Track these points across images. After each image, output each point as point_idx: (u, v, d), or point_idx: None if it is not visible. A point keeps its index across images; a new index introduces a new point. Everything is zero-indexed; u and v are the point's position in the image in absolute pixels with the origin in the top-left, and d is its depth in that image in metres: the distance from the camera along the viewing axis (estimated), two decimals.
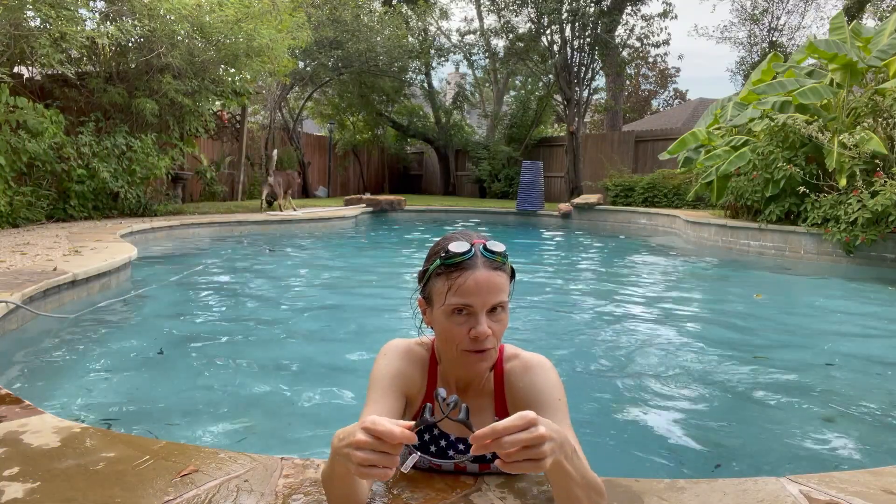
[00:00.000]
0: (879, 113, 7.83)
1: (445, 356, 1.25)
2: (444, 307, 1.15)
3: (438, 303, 1.17)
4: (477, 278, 1.12)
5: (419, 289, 1.27)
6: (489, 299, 1.13)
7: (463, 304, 1.13)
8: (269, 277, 5.93)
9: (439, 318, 1.18)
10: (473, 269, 1.13)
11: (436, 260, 1.18)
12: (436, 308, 1.19)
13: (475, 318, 1.13)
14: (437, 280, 1.18)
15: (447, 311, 1.15)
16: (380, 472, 0.90)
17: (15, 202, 7.01)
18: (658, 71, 36.36)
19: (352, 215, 11.57)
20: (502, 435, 0.88)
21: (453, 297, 1.13)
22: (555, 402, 1.20)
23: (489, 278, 1.13)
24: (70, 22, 7.08)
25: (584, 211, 13.61)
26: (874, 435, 2.52)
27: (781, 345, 3.91)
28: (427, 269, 1.21)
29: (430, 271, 1.19)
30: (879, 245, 6.96)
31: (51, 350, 3.24)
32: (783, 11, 19.05)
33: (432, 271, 1.19)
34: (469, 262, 1.14)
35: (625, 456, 2.30)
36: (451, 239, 1.19)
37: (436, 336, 1.25)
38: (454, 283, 1.13)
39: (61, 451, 1.40)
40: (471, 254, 1.15)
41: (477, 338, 1.13)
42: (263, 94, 15.39)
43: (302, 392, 2.85)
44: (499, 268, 1.16)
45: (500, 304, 1.15)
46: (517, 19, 18.16)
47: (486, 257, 1.15)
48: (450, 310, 1.14)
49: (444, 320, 1.16)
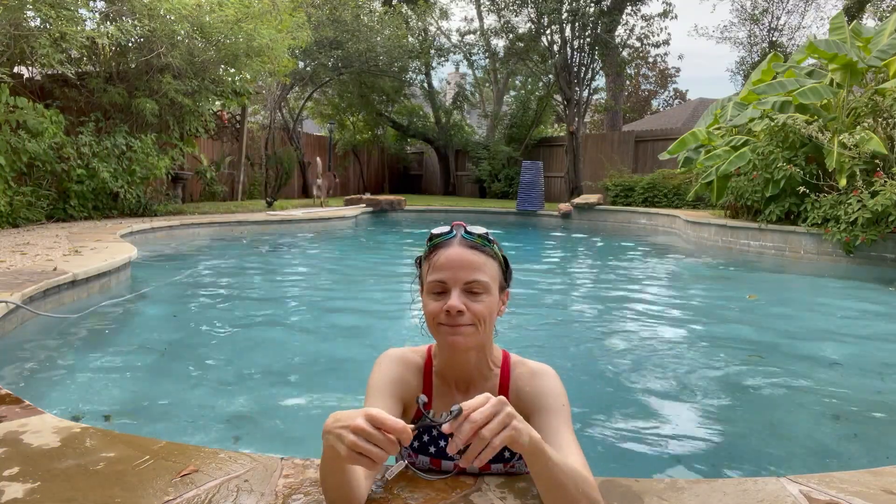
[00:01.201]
0: (879, 113, 7.83)
1: (437, 343, 1.29)
2: (426, 287, 1.23)
3: (424, 284, 1.25)
4: (450, 255, 1.19)
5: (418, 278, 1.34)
6: (461, 275, 1.18)
7: (437, 280, 1.19)
8: (269, 277, 5.93)
9: (424, 299, 1.25)
10: (449, 246, 1.21)
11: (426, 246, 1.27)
12: (423, 292, 1.25)
13: (448, 294, 1.18)
14: (424, 265, 1.27)
15: (428, 290, 1.22)
16: (367, 462, 0.91)
17: (15, 202, 7.01)
18: (658, 71, 36.38)
19: (352, 215, 11.57)
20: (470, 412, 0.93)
21: (431, 274, 1.21)
22: (559, 408, 1.22)
23: (462, 254, 1.19)
24: (70, 22, 7.08)
25: (584, 211, 13.62)
26: (874, 435, 2.52)
27: (781, 345, 3.91)
28: (420, 256, 1.30)
29: (421, 257, 1.29)
30: (879, 245, 6.96)
31: (51, 350, 3.24)
32: (783, 11, 19.07)
33: (422, 256, 1.28)
34: (447, 241, 1.23)
35: (625, 456, 2.30)
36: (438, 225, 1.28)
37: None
38: (432, 261, 1.22)
39: (61, 451, 1.40)
40: (450, 235, 1.23)
41: (449, 311, 1.17)
42: (263, 94, 15.39)
43: (302, 392, 2.86)
44: (476, 247, 1.22)
45: (477, 282, 1.19)
46: (517, 19, 18.17)
47: (464, 237, 1.22)
48: (430, 289, 1.21)
49: (426, 299, 1.23)
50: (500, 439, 0.93)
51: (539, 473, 1.04)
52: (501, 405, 0.96)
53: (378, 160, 22.41)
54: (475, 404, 0.95)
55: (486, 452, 0.93)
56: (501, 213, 14.29)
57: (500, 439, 0.93)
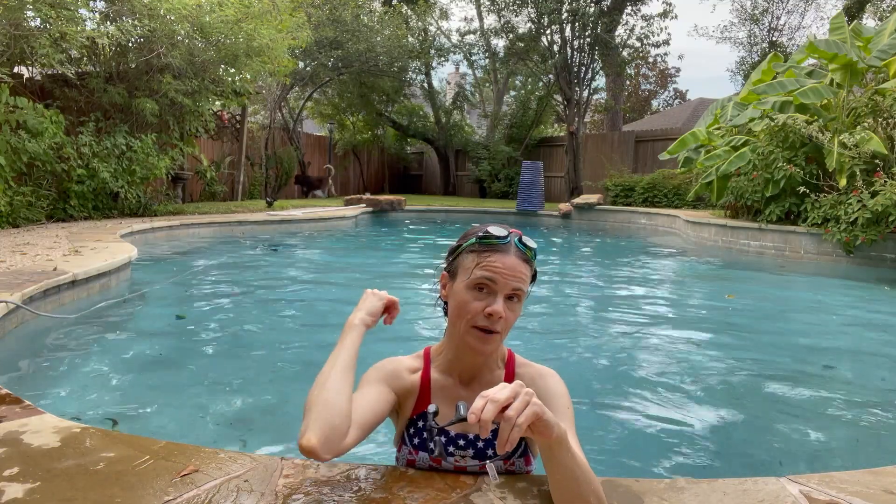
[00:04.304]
0: (879, 113, 7.83)
1: (452, 334, 1.30)
2: (469, 281, 1.23)
3: (463, 276, 1.25)
4: (506, 261, 1.22)
5: (446, 262, 1.35)
6: (511, 283, 1.21)
7: (488, 280, 1.21)
8: (269, 277, 5.93)
9: (459, 290, 1.25)
10: (505, 252, 1.23)
11: (471, 238, 1.27)
12: (458, 281, 1.26)
13: (494, 296, 1.21)
14: (468, 256, 1.26)
15: (470, 284, 1.23)
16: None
17: (15, 202, 7.01)
18: (658, 71, 36.36)
19: (352, 215, 11.57)
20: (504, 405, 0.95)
21: (480, 271, 1.21)
22: (563, 410, 1.24)
23: (516, 264, 1.22)
24: (70, 22, 7.08)
25: (584, 211, 13.62)
26: (874, 435, 2.52)
27: (781, 344, 3.91)
28: (461, 244, 1.29)
29: (464, 247, 1.28)
30: (879, 245, 6.96)
31: (51, 350, 3.24)
32: (783, 11, 19.06)
33: (465, 247, 1.27)
34: (503, 245, 1.24)
35: (625, 456, 2.30)
36: (492, 225, 1.29)
37: (449, 310, 1.30)
38: (484, 259, 1.22)
39: (61, 451, 1.40)
40: (507, 240, 1.24)
41: (491, 315, 1.20)
42: (263, 94, 15.38)
43: (302, 392, 2.83)
44: (526, 260, 1.25)
45: (518, 292, 1.23)
46: (517, 19, 18.16)
47: (518, 247, 1.25)
48: (473, 283, 1.22)
49: (464, 292, 1.24)
50: (524, 417, 0.95)
51: (558, 463, 1.06)
52: (520, 387, 0.98)
53: (378, 160, 22.40)
54: (494, 390, 0.97)
55: (515, 433, 0.94)
56: (501, 214, 14.28)
57: (525, 417, 0.95)
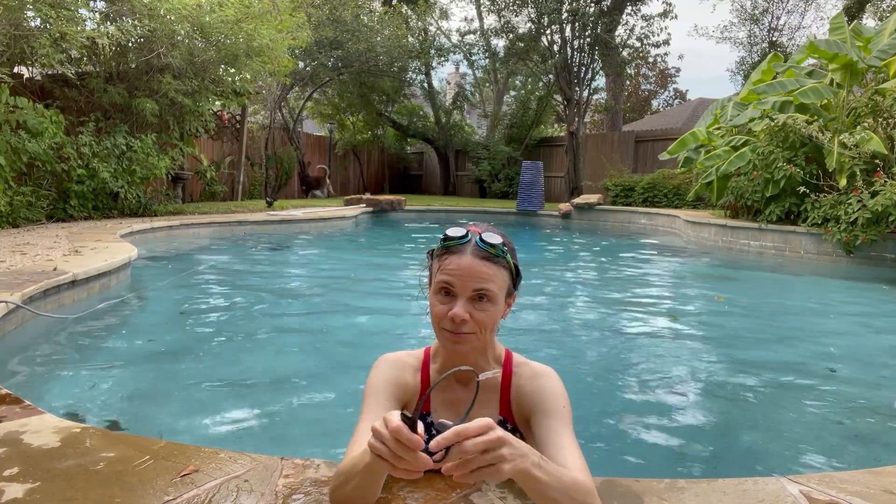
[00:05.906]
0: (879, 113, 7.83)
1: (438, 340, 1.30)
2: (434, 285, 1.25)
3: (432, 281, 1.27)
4: (461, 262, 1.20)
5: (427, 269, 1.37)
6: (469, 284, 1.19)
7: (445, 284, 1.21)
8: (269, 278, 5.93)
9: (430, 296, 1.27)
10: (462, 253, 1.21)
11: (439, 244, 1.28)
12: (431, 286, 1.28)
13: (455, 300, 1.20)
14: (435, 260, 1.27)
15: (435, 288, 1.24)
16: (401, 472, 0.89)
17: (15, 202, 7.01)
18: (658, 71, 36.35)
19: (352, 215, 11.57)
20: (464, 438, 0.87)
21: (440, 274, 1.22)
22: (560, 409, 1.22)
23: (473, 265, 1.20)
24: (70, 22, 7.07)
25: (585, 211, 13.61)
26: (874, 435, 2.52)
27: (781, 344, 3.91)
28: (432, 250, 1.31)
29: (434, 252, 1.30)
30: (879, 245, 6.96)
31: (51, 350, 3.24)
32: (783, 11, 19.05)
33: (434, 253, 1.29)
34: (461, 246, 1.22)
35: (625, 456, 2.30)
36: (455, 226, 1.29)
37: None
38: (443, 263, 1.23)
39: (61, 451, 1.40)
40: (464, 240, 1.23)
41: (453, 319, 1.18)
42: (263, 94, 15.37)
43: (302, 392, 2.86)
44: (488, 258, 1.21)
45: (484, 292, 1.19)
46: (517, 19, 18.15)
47: (478, 246, 1.22)
48: (437, 287, 1.23)
49: (433, 297, 1.25)
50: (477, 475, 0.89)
51: (532, 494, 1.01)
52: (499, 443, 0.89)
53: (378, 160, 22.40)
54: (473, 429, 0.88)
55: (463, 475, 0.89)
56: (501, 213, 14.28)
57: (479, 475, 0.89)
